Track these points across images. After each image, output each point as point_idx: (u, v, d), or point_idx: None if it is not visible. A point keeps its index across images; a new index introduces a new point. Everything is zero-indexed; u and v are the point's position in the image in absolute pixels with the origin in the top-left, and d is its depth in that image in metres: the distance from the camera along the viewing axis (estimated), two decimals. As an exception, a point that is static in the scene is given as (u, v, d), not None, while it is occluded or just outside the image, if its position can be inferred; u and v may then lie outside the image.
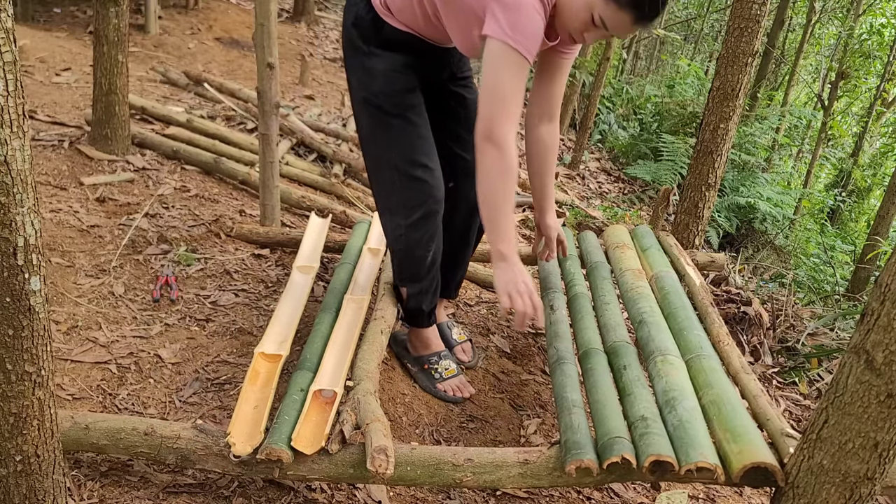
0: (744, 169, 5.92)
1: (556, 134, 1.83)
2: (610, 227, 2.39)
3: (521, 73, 1.45)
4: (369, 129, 1.71)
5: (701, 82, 7.43)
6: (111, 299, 1.96)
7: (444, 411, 1.85)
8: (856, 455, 1.14)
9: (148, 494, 1.37)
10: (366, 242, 2.15)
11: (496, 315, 2.45)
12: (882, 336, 1.06)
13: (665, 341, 1.64)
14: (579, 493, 1.67)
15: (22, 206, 0.91)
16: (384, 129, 1.68)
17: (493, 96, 1.46)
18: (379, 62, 1.65)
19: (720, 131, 2.71)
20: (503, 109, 1.46)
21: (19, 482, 1.08)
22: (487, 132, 1.47)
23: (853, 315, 3.12)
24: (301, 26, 7.23)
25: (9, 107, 0.86)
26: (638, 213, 4.49)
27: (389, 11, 1.62)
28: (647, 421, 1.36)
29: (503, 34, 1.41)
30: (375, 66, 1.65)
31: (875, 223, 4.87)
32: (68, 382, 1.61)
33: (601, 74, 5.03)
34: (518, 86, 1.45)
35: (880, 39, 7.89)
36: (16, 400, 1.01)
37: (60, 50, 4.45)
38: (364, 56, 1.66)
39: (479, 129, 1.48)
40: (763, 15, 2.58)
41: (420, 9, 1.59)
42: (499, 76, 1.44)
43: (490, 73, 1.45)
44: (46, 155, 2.81)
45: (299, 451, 1.31)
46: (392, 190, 1.71)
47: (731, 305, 2.68)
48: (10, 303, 0.94)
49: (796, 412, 2.37)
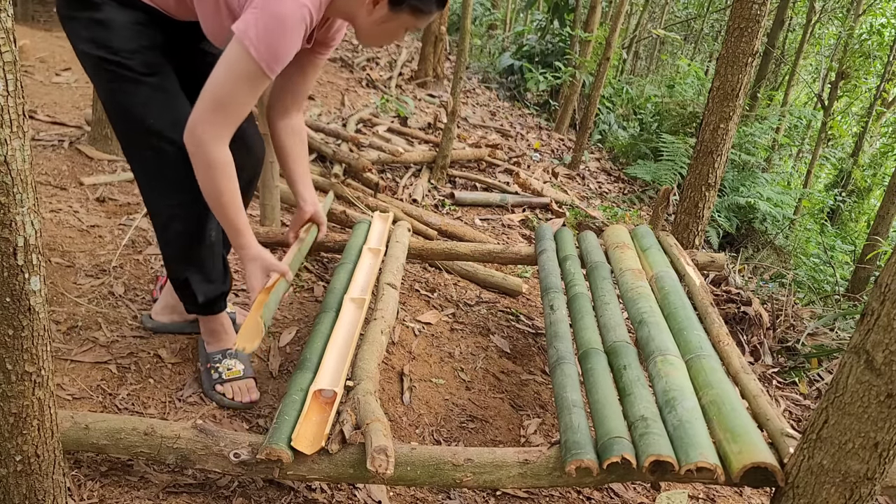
0: (744, 169, 5.92)
1: (303, 122, 1.76)
2: (610, 227, 2.40)
3: (257, 89, 1.35)
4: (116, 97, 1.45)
5: (701, 82, 7.44)
6: (111, 299, 1.96)
7: (444, 411, 1.85)
8: (856, 455, 1.14)
9: (148, 494, 1.38)
10: (366, 242, 2.15)
11: (495, 316, 2.45)
12: (882, 336, 1.06)
13: (665, 341, 1.65)
14: (579, 493, 1.67)
15: (22, 206, 0.91)
16: (135, 94, 1.44)
17: (215, 101, 1.34)
18: (117, 14, 1.41)
19: (720, 131, 2.71)
20: (217, 115, 1.34)
21: (19, 482, 1.08)
22: (192, 130, 1.35)
23: (853, 315, 3.12)
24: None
25: (9, 107, 0.86)
26: (638, 213, 4.49)
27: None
28: (647, 421, 1.36)
29: (252, 44, 1.29)
30: (114, 18, 1.41)
31: (875, 223, 4.87)
32: (68, 382, 1.61)
33: (601, 74, 5.03)
34: (247, 100, 1.35)
35: (880, 39, 7.90)
36: (16, 400, 1.01)
37: (60, 50, 4.45)
38: (94, 8, 1.40)
39: (188, 125, 1.35)
40: (763, 15, 2.58)
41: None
42: (231, 84, 1.33)
43: (222, 74, 1.33)
44: (46, 155, 2.82)
45: (299, 451, 1.31)
46: (158, 164, 1.49)
47: (731, 305, 2.68)
48: (10, 303, 0.94)
49: (796, 412, 2.37)
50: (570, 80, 6.33)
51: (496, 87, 7.47)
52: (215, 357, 1.72)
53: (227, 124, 1.36)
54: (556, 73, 6.81)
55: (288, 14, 1.30)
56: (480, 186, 3.95)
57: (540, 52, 7.36)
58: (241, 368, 1.73)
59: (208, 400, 1.67)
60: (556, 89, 7.10)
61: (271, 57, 1.32)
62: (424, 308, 2.36)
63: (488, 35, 9.87)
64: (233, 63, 1.32)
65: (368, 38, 1.51)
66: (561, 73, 6.61)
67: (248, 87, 1.34)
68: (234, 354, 1.74)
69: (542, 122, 6.71)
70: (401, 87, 5.98)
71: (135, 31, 1.43)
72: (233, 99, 1.34)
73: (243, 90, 1.34)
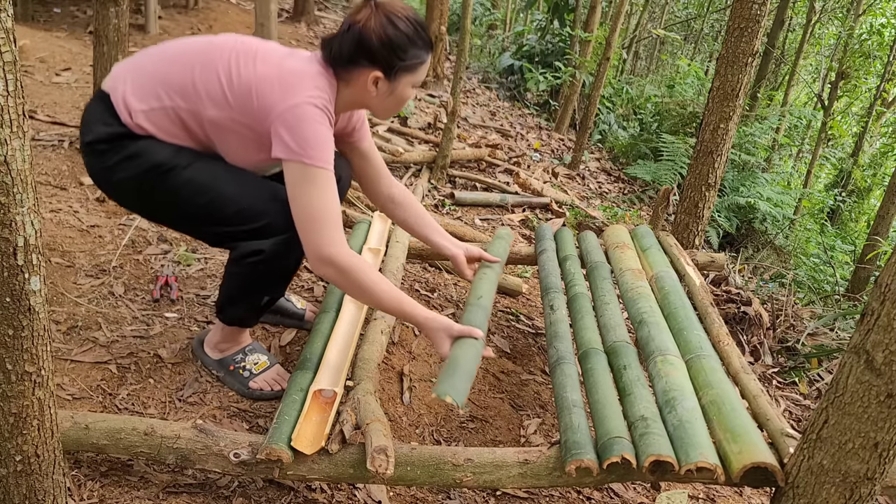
0: (744, 169, 5.92)
1: (403, 189, 1.87)
2: (610, 227, 2.39)
3: (327, 184, 1.42)
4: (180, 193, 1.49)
5: (701, 82, 7.43)
6: (111, 299, 1.96)
7: (444, 411, 1.85)
8: (856, 455, 1.14)
9: (148, 494, 1.38)
10: (366, 242, 2.15)
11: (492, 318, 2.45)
12: (882, 336, 1.06)
13: (665, 341, 1.65)
14: (579, 493, 1.67)
15: (22, 206, 0.91)
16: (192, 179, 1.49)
17: (308, 220, 1.42)
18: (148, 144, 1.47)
19: (720, 131, 2.71)
20: (323, 229, 1.41)
21: (19, 482, 1.08)
22: (317, 258, 1.42)
23: (853, 315, 3.12)
24: (301, 26, 7.23)
25: (9, 107, 0.86)
26: (638, 213, 4.49)
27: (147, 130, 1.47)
28: (647, 421, 1.36)
29: (296, 154, 1.39)
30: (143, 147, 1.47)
31: (875, 223, 4.87)
32: (68, 382, 1.61)
33: (601, 74, 5.03)
34: (328, 197, 1.42)
35: (880, 39, 7.90)
36: (16, 400, 1.01)
37: (60, 50, 4.45)
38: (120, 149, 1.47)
39: (309, 257, 1.44)
40: (763, 15, 2.58)
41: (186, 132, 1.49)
42: (306, 198, 1.40)
43: (296, 196, 1.41)
44: (46, 155, 2.82)
45: (299, 451, 1.31)
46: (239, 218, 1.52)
47: (731, 305, 2.68)
48: (10, 303, 0.94)
49: (796, 412, 2.37)
50: (570, 80, 6.33)
51: (496, 87, 7.47)
52: (236, 358, 1.74)
53: (333, 230, 1.42)
54: (556, 73, 6.81)
55: (306, 113, 1.40)
56: (480, 186, 3.95)
57: (540, 52, 7.36)
58: (265, 359, 1.76)
59: (208, 400, 1.67)
60: (556, 89, 7.10)
61: (317, 153, 1.40)
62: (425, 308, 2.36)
63: (488, 35, 9.87)
64: (297, 181, 1.41)
65: (385, 113, 1.59)
66: (561, 73, 6.61)
67: (322, 191, 1.41)
68: (253, 349, 1.77)
69: (542, 122, 6.71)
70: (401, 87, 5.96)
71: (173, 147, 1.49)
72: (319, 208, 1.41)
73: (321, 195, 1.41)
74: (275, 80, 1.42)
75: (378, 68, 1.47)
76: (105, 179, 1.52)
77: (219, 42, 1.50)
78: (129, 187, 1.51)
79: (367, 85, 1.49)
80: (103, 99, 1.49)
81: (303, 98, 1.40)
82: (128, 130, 1.46)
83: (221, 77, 1.44)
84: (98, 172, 1.52)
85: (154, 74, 1.47)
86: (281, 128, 1.40)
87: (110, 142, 1.47)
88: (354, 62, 1.47)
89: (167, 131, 1.47)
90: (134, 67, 1.50)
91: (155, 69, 1.48)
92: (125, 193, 1.54)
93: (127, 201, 1.57)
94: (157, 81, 1.46)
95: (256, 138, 1.47)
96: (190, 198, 1.49)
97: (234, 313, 1.66)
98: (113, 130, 1.46)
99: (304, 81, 1.43)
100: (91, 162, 1.52)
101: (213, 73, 1.44)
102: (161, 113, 1.46)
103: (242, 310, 1.65)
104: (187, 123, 1.47)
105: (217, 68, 1.44)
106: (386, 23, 1.44)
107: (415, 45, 1.47)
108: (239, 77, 1.43)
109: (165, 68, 1.47)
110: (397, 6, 1.47)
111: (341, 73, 1.50)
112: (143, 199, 1.53)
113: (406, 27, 1.45)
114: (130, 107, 1.45)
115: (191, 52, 1.49)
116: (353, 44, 1.45)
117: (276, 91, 1.41)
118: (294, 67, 1.45)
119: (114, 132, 1.46)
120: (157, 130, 1.47)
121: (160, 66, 1.48)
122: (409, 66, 1.48)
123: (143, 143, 1.46)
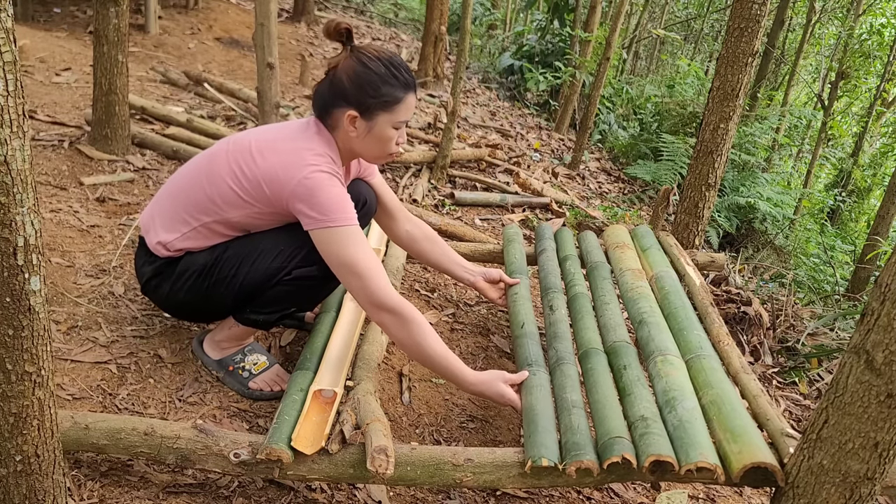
0: (744, 169, 5.92)
1: (418, 223, 1.96)
2: (610, 227, 2.40)
3: (358, 238, 1.49)
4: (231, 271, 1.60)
5: (701, 82, 7.43)
6: (111, 299, 1.96)
7: (444, 411, 1.85)
8: (856, 455, 1.14)
9: (148, 494, 1.37)
10: (366, 242, 2.15)
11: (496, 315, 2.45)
12: (882, 336, 1.06)
13: (665, 341, 1.65)
14: (579, 493, 1.67)
15: (22, 206, 0.91)
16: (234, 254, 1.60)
17: (353, 276, 1.48)
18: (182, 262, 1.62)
19: (720, 131, 2.71)
20: (369, 279, 1.47)
21: (19, 482, 1.08)
22: (372, 305, 1.49)
23: (853, 315, 3.12)
24: (301, 26, 7.23)
25: (9, 107, 0.86)
26: (638, 213, 4.49)
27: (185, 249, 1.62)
28: (647, 421, 1.36)
29: (322, 223, 1.47)
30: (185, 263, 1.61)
31: (875, 223, 4.87)
32: (68, 382, 1.61)
33: (601, 74, 5.02)
34: (363, 250, 1.48)
35: (880, 39, 7.90)
36: (16, 400, 1.01)
37: (60, 50, 4.45)
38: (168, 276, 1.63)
39: (365, 307, 1.51)
40: (763, 15, 2.58)
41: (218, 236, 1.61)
42: (344, 257, 1.47)
43: (335, 259, 1.48)
44: (46, 155, 2.82)
45: (299, 451, 1.31)
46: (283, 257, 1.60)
47: (731, 305, 2.68)
48: (10, 303, 0.94)
49: (796, 412, 2.37)
50: (570, 80, 6.33)
51: (496, 87, 7.47)
52: (235, 358, 1.75)
53: (378, 278, 1.48)
54: (556, 73, 6.81)
55: (314, 182, 1.47)
56: (480, 186, 3.95)
57: (540, 52, 7.36)
58: (265, 359, 1.77)
59: (208, 400, 1.67)
60: (556, 89, 7.10)
61: (338, 213, 1.48)
62: (424, 308, 2.36)
63: (488, 35, 9.87)
64: (330, 244, 1.48)
65: (372, 156, 1.64)
66: (561, 73, 6.61)
67: (354, 245, 1.48)
68: (252, 349, 1.78)
69: (542, 122, 6.71)
70: (401, 87, 5.96)
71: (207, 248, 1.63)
72: (357, 263, 1.47)
73: (353, 249, 1.47)
74: (278, 167, 1.50)
75: (352, 107, 1.53)
76: (175, 306, 1.69)
77: (214, 151, 1.61)
78: (195, 299, 1.64)
79: (346, 125, 1.55)
80: (142, 244, 1.68)
81: (306, 171, 1.48)
82: (167, 259, 1.62)
83: (230, 183, 1.55)
84: (165, 304, 1.70)
85: (174, 206, 1.61)
86: (298, 204, 1.49)
87: (158, 276, 1.64)
88: (333, 105, 1.55)
89: (202, 243, 1.61)
90: (158, 206, 1.66)
91: (173, 201, 1.62)
92: (196, 307, 1.67)
93: (202, 313, 1.72)
94: (179, 209, 1.60)
95: (283, 216, 1.57)
96: (240, 268, 1.59)
97: (256, 317, 1.68)
98: (156, 266, 1.63)
99: (301, 155, 1.50)
100: (156, 299, 1.70)
101: (222, 182, 1.55)
102: (193, 233, 1.60)
103: (267, 315, 1.68)
104: (217, 230, 1.60)
105: (223, 177, 1.56)
106: (356, 63, 1.52)
107: (387, 83, 1.52)
108: (245, 177, 1.53)
109: (181, 196, 1.61)
110: (372, 48, 1.54)
111: (328, 121, 1.57)
112: (209, 301, 1.64)
113: (377, 66, 1.51)
114: (165, 243, 1.61)
115: (195, 171, 1.62)
116: (330, 88, 1.54)
117: (280, 176, 1.50)
118: (290, 147, 1.53)
119: (157, 267, 1.63)
120: (194, 245, 1.61)
121: (178, 197, 1.62)
122: (383, 104, 1.53)
123: (183, 261, 1.61)
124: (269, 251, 1.58)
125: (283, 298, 1.64)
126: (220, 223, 1.59)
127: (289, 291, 1.62)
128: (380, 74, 1.51)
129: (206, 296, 1.62)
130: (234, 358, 1.75)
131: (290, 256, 1.58)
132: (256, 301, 1.64)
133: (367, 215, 1.85)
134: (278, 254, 1.58)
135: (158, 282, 1.65)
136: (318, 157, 1.51)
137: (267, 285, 1.60)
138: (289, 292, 1.62)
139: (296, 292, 1.63)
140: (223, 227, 1.59)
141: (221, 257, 1.60)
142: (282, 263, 1.58)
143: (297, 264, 1.59)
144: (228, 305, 1.66)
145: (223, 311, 1.70)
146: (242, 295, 1.62)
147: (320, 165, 1.49)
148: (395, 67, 1.53)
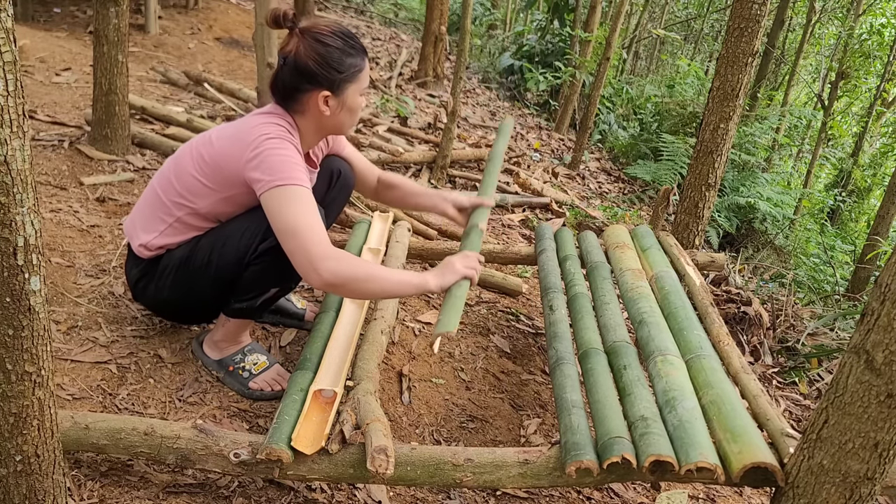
0: (744, 169, 5.92)
1: (388, 173, 2.00)
2: (610, 227, 2.39)
3: (305, 199, 1.46)
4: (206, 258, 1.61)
5: (701, 82, 7.43)
6: (111, 299, 1.96)
7: (444, 411, 1.85)
8: (856, 455, 1.14)
9: (148, 494, 1.37)
10: (366, 242, 2.15)
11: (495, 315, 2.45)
12: (882, 336, 1.06)
13: (665, 341, 1.64)
14: (579, 493, 1.67)
15: (22, 206, 0.91)
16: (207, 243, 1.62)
17: (291, 237, 1.44)
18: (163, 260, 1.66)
19: (720, 131, 2.71)
20: (308, 242, 1.43)
21: (19, 482, 1.08)
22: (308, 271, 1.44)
23: (853, 315, 3.12)
24: (301, 26, 7.22)
25: (9, 107, 0.86)
26: (638, 213, 4.49)
27: (164, 247, 1.65)
28: (647, 421, 1.36)
29: (269, 183, 1.46)
30: (164, 261, 1.65)
31: (875, 223, 4.87)
32: (68, 382, 1.61)
33: (601, 74, 5.02)
34: (308, 212, 1.45)
35: (880, 39, 7.90)
36: (16, 400, 1.01)
37: (60, 50, 4.45)
38: (152, 276, 1.67)
39: (303, 273, 1.45)
40: (763, 15, 2.58)
41: (193, 229, 1.63)
42: (285, 215, 1.44)
43: (278, 218, 1.45)
44: (46, 155, 2.82)
45: (299, 451, 1.31)
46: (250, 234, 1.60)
47: (731, 305, 2.68)
48: (10, 303, 0.94)
49: (796, 412, 2.37)
50: (570, 80, 6.33)
51: (496, 87, 7.47)
52: (235, 358, 1.75)
53: (317, 242, 1.44)
54: (556, 73, 6.81)
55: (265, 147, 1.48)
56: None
57: (540, 52, 7.36)
58: (265, 359, 1.77)
59: (208, 400, 1.67)
60: (556, 89, 7.10)
61: (286, 171, 1.47)
62: (424, 308, 2.36)
63: (488, 35, 9.87)
64: (275, 206, 1.46)
65: (345, 127, 1.66)
66: (561, 73, 6.61)
67: (297, 204, 1.45)
68: (252, 349, 1.78)
69: (542, 122, 6.71)
70: (401, 87, 5.97)
71: (183, 243, 1.66)
72: (299, 223, 1.44)
73: (295, 208, 1.45)
74: (230, 143, 1.53)
75: (323, 87, 1.54)
76: (163, 305, 1.72)
77: (181, 150, 1.66)
78: (180, 295, 1.66)
79: (320, 106, 1.56)
80: (129, 251, 1.72)
81: (255, 138, 1.49)
82: (150, 259, 1.66)
83: (194, 173, 1.58)
84: (155, 306, 1.74)
85: (151, 208, 1.65)
86: (252, 172, 1.49)
87: (143, 277, 1.68)
88: (299, 90, 1.55)
89: (178, 239, 1.63)
90: (138, 211, 1.70)
91: (150, 204, 1.66)
92: (183, 303, 1.69)
93: (191, 310, 1.73)
94: (155, 209, 1.64)
95: (247, 195, 1.56)
96: (212, 254, 1.60)
97: (240, 305, 1.68)
98: (141, 268, 1.68)
99: (253, 129, 1.52)
100: (146, 302, 1.73)
101: (187, 175, 1.59)
102: (169, 230, 1.63)
103: (249, 301, 1.67)
104: (191, 223, 1.62)
105: (188, 170, 1.59)
106: (314, 43, 1.52)
107: (348, 55, 1.54)
108: (205, 163, 1.56)
109: (155, 197, 1.64)
110: (320, 24, 1.55)
111: (293, 106, 1.58)
112: (192, 294, 1.66)
113: (334, 41, 1.53)
114: (145, 243, 1.64)
115: (166, 172, 1.65)
116: (292, 74, 1.54)
117: (235, 150, 1.52)
118: (244, 125, 1.55)
119: (142, 268, 1.68)
120: (171, 241, 1.63)
121: (153, 199, 1.65)
122: (349, 76, 1.55)
123: (163, 258, 1.65)
124: (236, 233, 1.60)
125: (259, 279, 1.62)
126: (191, 215, 1.61)
127: (262, 269, 1.60)
128: (339, 48, 1.53)
129: (188, 289, 1.64)
130: (234, 358, 1.75)
131: (255, 234, 1.58)
132: (236, 289, 1.65)
133: (346, 186, 1.87)
134: (244, 233, 1.59)
135: (145, 283, 1.68)
136: (268, 126, 1.52)
137: (240, 268, 1.60)
138: (262, 270, 1.61)
139: (267, 268, 1.61)
140: (195, 219, 1.62)
141: (195, 248, 1.62)
142: (248, 242, 1.58)
143: (260, 240, 1.58)
144: (210, 295, 1.66)
145: (208, 303, 1.70)
146: (221, 283, 1.63)
147: (270, 133, 1.50)
148: (349, 37, 1.55)
